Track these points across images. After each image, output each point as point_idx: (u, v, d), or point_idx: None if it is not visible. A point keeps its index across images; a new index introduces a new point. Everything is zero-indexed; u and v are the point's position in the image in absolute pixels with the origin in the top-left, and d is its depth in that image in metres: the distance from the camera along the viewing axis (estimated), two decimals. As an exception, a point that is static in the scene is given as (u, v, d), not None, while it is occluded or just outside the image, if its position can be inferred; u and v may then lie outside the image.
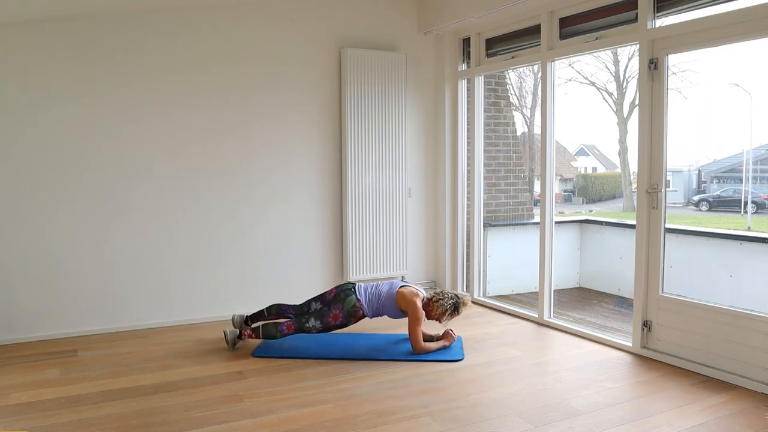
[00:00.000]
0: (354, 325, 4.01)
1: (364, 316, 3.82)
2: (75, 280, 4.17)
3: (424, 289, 3.97)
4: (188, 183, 4.46)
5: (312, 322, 3.77)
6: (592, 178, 22.32)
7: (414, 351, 3.74)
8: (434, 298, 3.81)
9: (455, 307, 3.80)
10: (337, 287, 3.92)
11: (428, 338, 3.91)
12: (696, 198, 16.37)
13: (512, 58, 4.72)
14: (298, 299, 4.81)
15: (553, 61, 4.32)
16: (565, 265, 6.10)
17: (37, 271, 4.08)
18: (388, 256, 5.09)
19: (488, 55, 5.00)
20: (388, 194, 5.06)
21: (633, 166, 15.89)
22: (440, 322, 3.86)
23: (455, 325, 4.44)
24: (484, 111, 5.44)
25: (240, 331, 3.88)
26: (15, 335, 4.03)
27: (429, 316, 3.84)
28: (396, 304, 3.80)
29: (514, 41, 4.71)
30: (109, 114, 4.20)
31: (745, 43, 3.27)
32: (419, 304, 3.76)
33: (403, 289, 3.83)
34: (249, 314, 4.13)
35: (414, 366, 3.56)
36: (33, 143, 4.02)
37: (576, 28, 4.15)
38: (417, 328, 3.74)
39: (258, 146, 4.67)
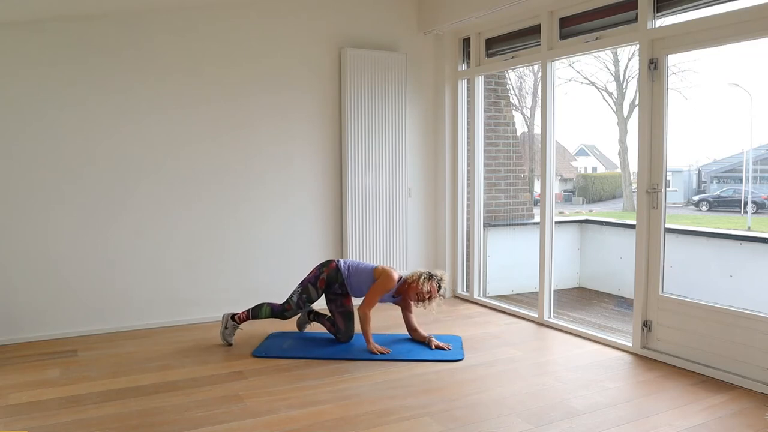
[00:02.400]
0: (354, 324, 4.02)
1: (338, 269, 3.92)
2: (75, 280, 4.17)
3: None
4: (188, 183, 4.46)
5: (294, 290, 3.98)
6: (592, 178, 22.33)
7: (359, 311, 3.82)
8: (408, 279, 3.86)
9: (430, 276, 3.82)
10: None
11: (417, 334, 3.97)
12: (696, 198, 16.39)
13: (512, 58, 4.72)
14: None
15: (553, 61, 4.32)
16: (565, 265, 6.10)
17: (37, 271, 4.08)
18: (388, 255, 5.09)
19: (488, 55, 5.00)
20: (388, 194, 5.06)
21: (633, 166, 15.91)
22: (418, 301, 3.82)
23: (456, 324, 4.44)
24: (484, 111, 5.44)
25: (234, 314, 3.99)
26: (15, 335, 4.03)
27: (408, 297, 3.87)
28: (372, 276, 3.88)
29: (514, 41, 4.71)
30: (109, 114, 4.20)
31: (745, 43, 3.27)
32: (394, 276, 3.84)
33: (382, 266, 3.95)
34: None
35: (414, 366, 3.56)
36: (33, 143, 4.02)
37: (576, 28, 4.15)
38: (376, 292, 3.81)
39: (258, 147, 4.67)
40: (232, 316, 3.97)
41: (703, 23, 3.32)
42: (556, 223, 4.56)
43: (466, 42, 5.19)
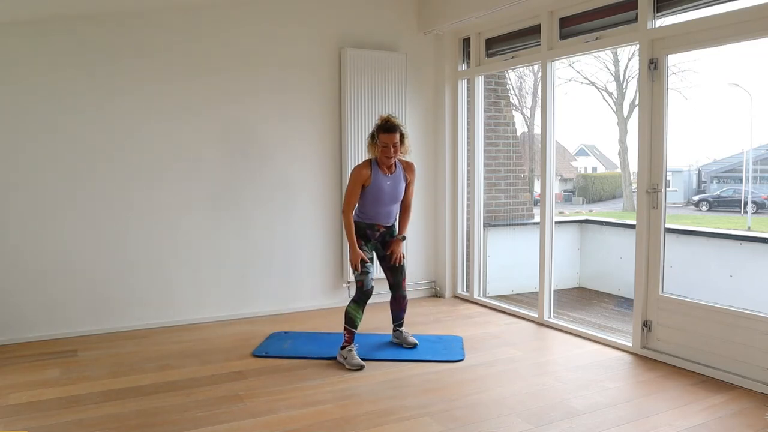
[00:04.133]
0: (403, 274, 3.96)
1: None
2: (75, 280, 4.17)
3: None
4: (188, 184, 4.46)
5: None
6: (592, 178, 22.34)
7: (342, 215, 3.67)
8: (370, 155, 3.67)
9: (374, 132, 3.60)
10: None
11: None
12: (696, 198, 16.41)
13: (512, 58, 4.72)
14: (298, 299, 4.84)
15: (553, 61, 4.32)
16: (565, 265, 6.09)
17: (38, 271, 4.07)
18: (388, 256, 5.08)
19: (488, 55, 5.00)
20: (388, 194, 5.04)
21: (633, 166, 15.92)
22: (393, 154, 3.55)
23: (456, 324, 4.44)
24: (484, 111, 5.43)
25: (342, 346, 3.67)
26: (15, 335, 4.03)
27: (386, 162, 3.59)
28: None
29: (514, 41, 4.71)
30: (110, 116, 4.19)
31: (745, 43, 3.27)
32: (359, 165, 3.65)
33: None
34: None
35: (414, 366, 3.56)
36: (34, 143, 4.02)
37: (576, 28, 4.15)
38: (349, 188, 3.62)
39: (258, 147, 4.67)
40: (341, 348, 3.64)
41: (703, 23, 3.32)
42: (556, 223, 4.56)
43: (466, 42, 5.19)
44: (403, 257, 3.82)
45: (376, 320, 4.46)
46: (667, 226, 3.73)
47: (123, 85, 4.21)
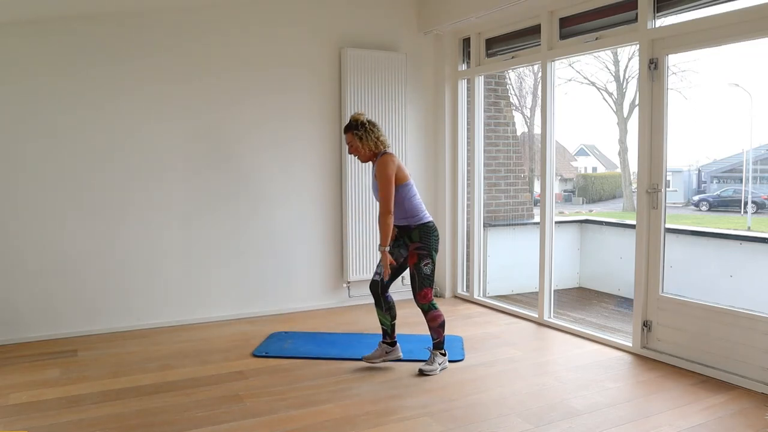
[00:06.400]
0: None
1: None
2: (75, 280, 4.17)
3: None
4: (188, 185, 4.46)
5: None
6: (592, 178, 22.35)
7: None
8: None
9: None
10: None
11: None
12: (696, 198, 16.42)
13: (512, 58, 4.72)
14: (298, 299, 4.83)
15: (553, 61, 4.32)
16: (565, 265, 6.09)
17: (38, 271, 4.07)
18: (388, 256, 5.08)
19: (488, 55, 5.00)
20: (388, 194, 5.04)
21: (633, 166, 15.93)
22: (365, 151, 3.46)
23: (456, 324, 4.44)
24: (484, 111, 5.44)
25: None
26: (15, 335, 4.03)
27: (364, 157, 3.50)
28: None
29: (514, 41, 4.71)
30: (111, 116, 4.20)
31: (745, 43, 3.28)
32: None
33: None
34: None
35: (414, 366, 3.56)
36: (35, 143, 4.02)
37: (576, 28, 4.15)
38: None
39: (258, 147, 4.67)
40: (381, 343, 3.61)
41: (703, 23, 3.32)
42: (556, 223, 4.56)
43: (466, 42, 5.19)
44: (408, 264, 3.47)
45: (375, 321, 4.46)
46: (667, 226, 3.73)
47: (123, 85, 4.21)
